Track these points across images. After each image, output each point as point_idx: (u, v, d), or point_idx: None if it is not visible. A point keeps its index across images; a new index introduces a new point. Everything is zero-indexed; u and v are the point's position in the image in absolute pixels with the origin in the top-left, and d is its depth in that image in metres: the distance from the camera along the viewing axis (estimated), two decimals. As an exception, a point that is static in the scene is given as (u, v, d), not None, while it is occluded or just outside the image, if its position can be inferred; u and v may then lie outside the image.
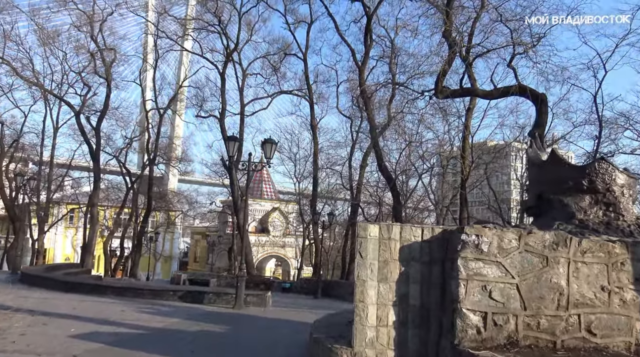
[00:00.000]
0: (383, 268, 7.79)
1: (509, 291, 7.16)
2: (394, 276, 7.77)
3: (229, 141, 18.15)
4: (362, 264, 7.77)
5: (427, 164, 36.20)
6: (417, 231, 7.93)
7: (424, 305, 7.76)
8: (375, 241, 7.86)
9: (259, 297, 19.09)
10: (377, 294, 7.71)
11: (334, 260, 49.07)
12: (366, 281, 7.74)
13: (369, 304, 7.68)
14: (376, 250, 7.83)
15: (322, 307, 22.75)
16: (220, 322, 14.17)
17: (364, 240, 7.84)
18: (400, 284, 7.76)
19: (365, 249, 7.81)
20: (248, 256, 37.14)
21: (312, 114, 35.16)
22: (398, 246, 7.85)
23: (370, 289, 7.73)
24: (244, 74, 37.17)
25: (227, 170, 35.82)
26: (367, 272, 7.76)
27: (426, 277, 7.79)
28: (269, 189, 51.53)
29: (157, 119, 41.11)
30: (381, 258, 7.82)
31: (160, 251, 53.93)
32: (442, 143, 35.40)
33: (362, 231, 7.87)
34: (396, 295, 7.72)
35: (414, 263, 7.81)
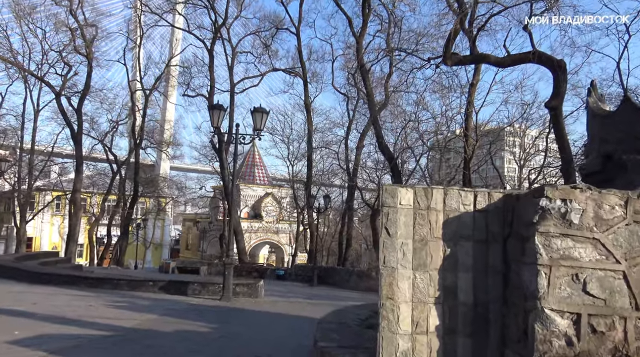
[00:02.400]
0: (420, 250, 5.34)
1: (612, 282, 4.73)
2: (436, 261, 5.35)
3: (214, 110, 15.59)
4: (389, 245, 5.31)
5: (427, 145, 33.73)
6: (469, 196, 5.44)
7: (478, 302, 5.32)
8: (409, 212, 5.38)
9: (249, 287, 16.64)
10: (412, 287, 5.27)
11: (328, 246, 46.69)
12: (396, 268, 5.28)
13: (401, 302, 5.23)
14: (410, 224, 5.37)
15: (320, 297, 20.41)
16: (203, 319, 11.69)
17: (392, 210, 5.35)
18: (444, 272, 5.33)
19: (394, 223, 5.34)
20: (240, 243, 34.70)
21: (306, 92, 32.52)
22: (441, 219, 5.39)
23: (403, 281, 5.28)
24: (233, 52, 34.39)
25: (217, 153, 33.19)
26: (398, 257, 5.30)
27: (481, 263, 5.36)
28: (262, 174, 48.94)
29: (144, 100, 38.35)
30: (417, 236, 5.36)
31: (151, 238, 51.30)
32: (441, 124, 32.91)
33: (389, 196, 5.38)
34: (439, 289, 5.29)
35: (463, 243, 5.37)
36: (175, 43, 40.92)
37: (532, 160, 41.57)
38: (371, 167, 35.06)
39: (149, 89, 38.61)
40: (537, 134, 39.12)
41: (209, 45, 33.42)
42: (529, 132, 41.08)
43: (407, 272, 5.29)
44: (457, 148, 32.02)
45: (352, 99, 33.23)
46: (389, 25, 25.29)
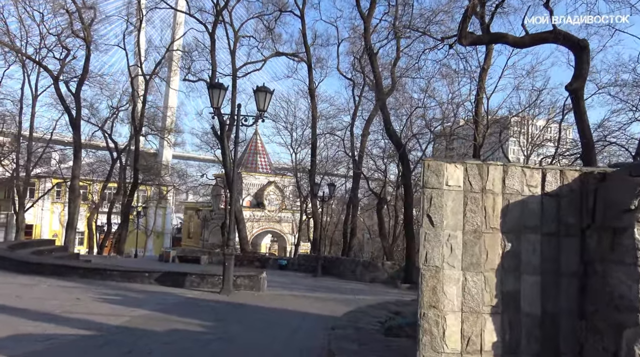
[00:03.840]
0: (472, 245, 4.04)
1: None
2: (493, 259, 4.07)
3: (213, 89, 14.24)
4: (432, 238, 4.01)
5: (434, 133, 32.32)
6: (535, 176, 4.12)
7: (548, 314, 4.04)
8: (458, 195, 4.07)
9: (251, 279, 15.35)
10: (463, 293, 4.00)
11: (331, 236, 45.44)
12: (442, 268, 3.98)
13: (448, 312, 3.95)
14: (459, 211, 4.07)
15: (325, 289, 19.15)
16: (200, 316, 10.42)
17: (437, 193, 4.04)
18: (504, 274, 4.05)
19: (439, 209, 4.03)
20: (242, 232, 33.44)
21: (310, 77, 31.05)
22: (500, 204, 4.09)
23: (450, 284, 3.99)
24: (235, 36, 32.88)
25: (218, 139, 31.82)
26: (443, 253, 4.00)
27: (552, 262, 4.08)
28: (264, 161, 47.51)
29: (144, 86, 36.94)
30: (469, 226, 4.07)
31: (152, 226, 50.06)
32: (449, 111, 31.50)
33: (432, 175, 4.06)
34: (497, 295, 4.01)
35: (529, 236, 4.09)
36: (177, 27, 39.41)
37: (538, 150, 40.11)
38: (377, 155, 33.70)
39: (149, 74, 37.14)
40: (544, 123, 37.61)
41: (211, 28, 31.92)
42: (536, 121, 39.58)
43: (456, 274, 3.99)
44: (467, 135, 30.62)
45: (358, 85, 31.80)
46: (396, 6, 23.80)
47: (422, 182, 4.04)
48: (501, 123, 32.87)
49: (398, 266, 24.94)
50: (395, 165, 33.61)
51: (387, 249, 30.50)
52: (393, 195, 35.24)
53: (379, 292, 19.84)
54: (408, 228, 22.99)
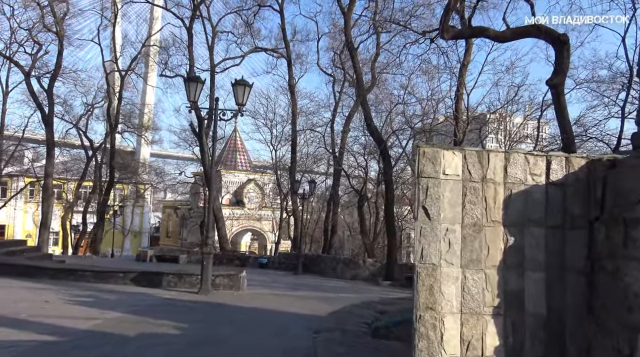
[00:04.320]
0: (472, 240, 3.66)
1: None
2: (494, 255, 3.70)
3: (190, 82, 13.68)
4: (429, 233, 3.62)
5: (414, 129, 32.09)
6: (539, 163, 3.75)
7: (554, 314, 3.69)
8: (456, 185, 3.69)
9: (230, 278, 14.84)
10: (462, 292, 3.62)
11: (311, 233, 45.01)
12: (439, 266, 3.59)
13: (446, 314, 3.56)
14: (457, 203, 3.69)
15: (307, 287, 18.74)
16: (176, 318, 9.89)
17: (433, 183, 3.65)
18: (506, 271, 3.68)
19: (436, 201, 3.64)
20: (221, 230, 32.84)
21: (290, 72, 30.53)
22: (502, 195, 3.72)
23: (448, 284, 3.60)
24: (213, 31, 32.18)
25: (197, 136, 31.13)
26: (441, 249, 3.61)
27: (557, 258, 3.73)
28: (244, 159, 46.80)
29: (120, 82, 35.97)
30: (468, 219, 3.69)
31: (129, 226, 48.95)
32: (429, 108, 31.30)
33: (428, 163, 3.66)
34: (499, 294, 3.64)
35: (533, 229, 3.73)
36: (153, 22, 38.49)
37: (516, 146, 40.26)
38: (358, 152, 33.33)
39: (125, 70, 36.21)
40: (522, 119, 37.69)
41: (188, 23, 31.19)
42: (514, 118, 39.67)
43: (455, 271, 3.61)
44: (447, 132, 30.49)
45: (338, 81, 31.41)
46: (376, 0, 23.44)
47: (417, 171, 3.64)
48: (480, 119, 32.86)
49: (379, 263, 24.68)
50: (375, 162, 33.35)
51: (368, 246, 30.23)
52: (373, 192, 34.98)
53: (361, 289, 19.51)
54: (389, 225, 22.73)
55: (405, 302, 8.28)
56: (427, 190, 3.60)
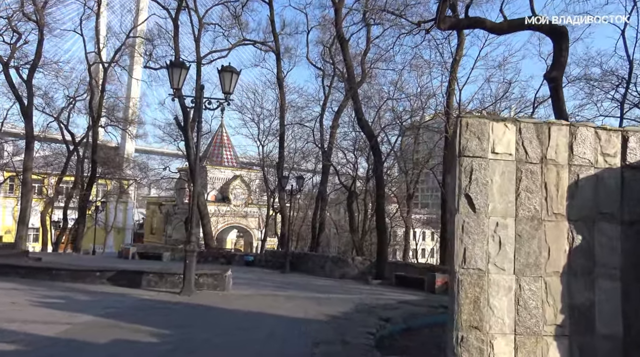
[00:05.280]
0: (529, 239, 2.79)
1: None
2: (557, 258, 2.83)
3: (173, 68, 12.68)
4: (474, 229, 2.75)
5: (403, 126, 31.33)
6: (613, 140, 2.90)
7: (632, 334, 2.86)
8: (509, 167, 2.81)
9: (215, 277, 13.86)
10: (516, 307, 2.76)
11: (298, 231, 44.07)
12: (486, 272, 2.72)
13: (496, 335, 2.69)
14: (510, 190, 2.81)
15: (295, 286, 17.82)
16: (155, 322, 8.92)
17: (480, 163, 2.76)
18: (571, 279, 2.83)
19: (484, 187, 2.76)
20: (207, 227, 31.79)
21: (279, 66, 29.55)
22: (565, 180, 2.86)
23: (499, 295, 2.73)
24: (200, 23, 31.02)
25: (182, 130, 30.01)
26: (489, 250, 2.74)
27: (636, 262, 2.91)
28: (230, 155, 45.66)
29: (103, 74, 34.64)
30: (524, 212, 2.81)
31: (112, 222, 47.52)
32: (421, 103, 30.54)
33: (472, 137, 2.77)
34: (563, 309, 2.78)
35: (604, 225, 2.88)
36: (138, 12, 37.20)
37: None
38: (346, 148, 32.45)
39: (108, 62, 34.90)
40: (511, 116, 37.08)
41: (174, 14, 30.04)
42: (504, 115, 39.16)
43: (507, 279, 2.74)
44: (438, 128, 29.79)
45: (327, 75, 30.48)
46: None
47: (458, 148, 2.76)
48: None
49: (369, 261, 23.84)
50: (364, 160, 32.56)
51: (357, 244, 29.40)
52: (362, 189, 34.16)
53: (351, 289, 18.67)
54: (380, 222, 21.88)
55: (408, 306, 7.47)
56: (471, 173, 2.73)
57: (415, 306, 7.30)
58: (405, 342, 5.89)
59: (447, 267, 22.82)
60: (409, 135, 33.31)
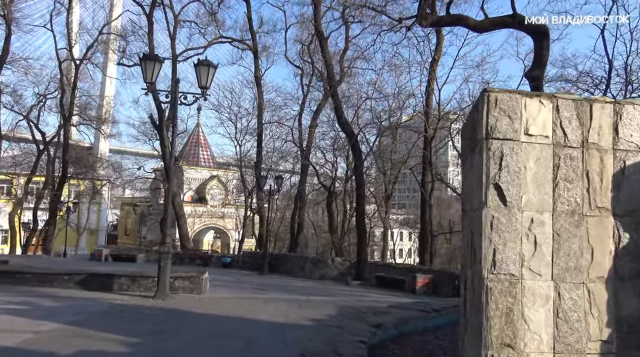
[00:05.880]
0: (569, 238, 2.30)
1: None
2: (602, 261, 2.36)
3: (146, 61, 11.99)
4: (505, 225, 2.25)
5: (381, 126, 31.00)
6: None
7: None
8: (545, 152, 2.32)
9: (191, 280, 13.20)
10: (555, 319, 2.29)
11: (276, 231, 43.42)
12: (520, 278, 2.24)
13: (532, 354, 2.23)
14: (547, 179, 2.33)
15: (274, 288, 17.26)
16: (126, 329, 8.26)
17: (512, 147, 2.25)
18: (619, 286, 2.39)
19: (517, 176, 2.25)
20: (183, 228, 30.94)
21: (257, 64, 28.90)
22: (610, 168, 2.41)
23: (534, 305, 2.25)
24: (175, 20, 30.17)
25: (157, 129, 29.11)
26: (522, 251, 2.25)
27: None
28: (207, 154, 44.70)
29: (74, 71, 33.41)
30: (563, 205, 2.33)
31: (85, 223, 46.03)
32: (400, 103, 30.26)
33: (503, 117, 2.25)
34: (610, 322, 2.32)
35: (656, 221, 2.45)
36: (111, 8, 36.06)
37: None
38: (326, 147, 31.94)
39: (80, 58, 33.71)
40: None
41: (148, 10, 29.13)
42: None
43: (543, 287, 2.25)
44: (417, 128, 29.55)
45: (306, 74, 29.95)
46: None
47: (485, 129, 2.28)
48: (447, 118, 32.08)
49: (348, 262, 23.40)
50: (343, 160, 32.12)
51: (336, 245, 28.93)
52: (341, 190, 33.73)
53: (332, 290, 18.19)
54: (360, 222, 21.44)
55: (398, 311, 7.02)
56: (501, 159, 2.25)
57: (405, 310, 6.83)
58: (398, 351, 5.41)
59: (426, 267, 22.57)
60: (387, 135, 33.01)
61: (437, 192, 38.64)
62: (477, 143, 2.40)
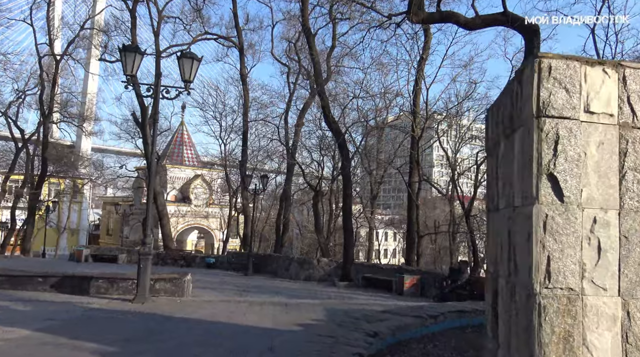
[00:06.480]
0: (639, 243, 1.88)
1: None
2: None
3: (126, 53, 11.35)
4: (562, 227, 1.80)
5: (367, 125, 30.60)
6: None
7: None
8: (610, 135, 1.87)
9: (173, 282, 12.55)
10: (624, 345, 1.83)
11: (260, 231, 42.75)
12: (580, 293, 1.77)
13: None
14: (612, 169, 1.87)
15: (259, 290, 16.69)
16: (99, 337, 7.62)
17: (569, 128, 1.79)
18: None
19: (576, 164, 1.78)
20: (165, 228, 30.17)
21: (242, 61, 28.27)
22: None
23: (599, 328, 1.80)
24: (159, 16, 29.40)
25: (139, 126, 28.32)
26: (583, 259, 1.79)
27: None
28: (191, 153, 43.81)
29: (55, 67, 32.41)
30: (631, 201, 1.89)
31: (65, 223, 44.78)
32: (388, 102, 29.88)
33: (558, 89, 1.80)
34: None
35: None
36: (94, 3, 35.09)
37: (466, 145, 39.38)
38: (312, 147, 31.40)
39: (61, 54, 32.72)
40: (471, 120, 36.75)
41: (131, 5, 28.36)
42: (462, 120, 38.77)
43: (609, 304, 1.77)
44: (403, 127, 29.20)
45: (293, 72, 29.39)
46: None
47: (536, 104, 1.79)
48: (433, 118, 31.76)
49: (335, 262, 22.95)
50: (329, 159, 31.64)
51: (322, 245, 28.43)
52: (326, 189, 33.25)
53: (319, 292, 17.70)
54: (346, 222, 20.98)
55: (394, 317, 6.53)
56: (556, 143, 1.77)
57: (401, 316, 6.37)
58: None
59: (413, 268, 22.21)
60: (373, 134, 32.63)
61: (422, 192, 38.38)
62: (522, 123, 1.91)
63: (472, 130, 36.57)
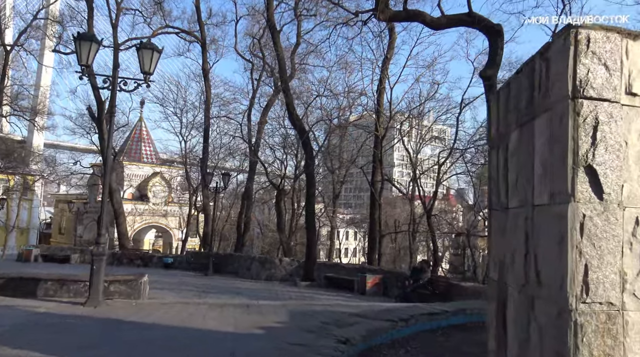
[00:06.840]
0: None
1: None
2: None
3: (81, 41, 10.62)
4: (601, 229, 1.50)
5: (331, 124, 30.36)
6: None
7: None
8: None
9: (129, 284, 11.86)
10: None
11: (221, 230, 41.86)
12: (622, 309, 1.48)
13: None
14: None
15: (219, 291, 16.19)
16: (46, 346, 6.92)
17: (610, 112, 1.51)
18: None
19: (616, 155, 1.51)
20: (121, 226, 29.06)
21: (204, 56, 27.48)
22: None
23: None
24: (118, 7, 28.26)
25: (95, 122, 27.11)
26: (624, 268, 1.50)
27: None
28: (149, 150, 42.43)
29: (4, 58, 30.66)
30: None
31: (15, 221, 42.54)
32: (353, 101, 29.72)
33: (597, 66, 1.53)
34: None
35: None
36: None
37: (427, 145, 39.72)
38: (275, 145, 30.88)
39: (11, 44, 31.01)
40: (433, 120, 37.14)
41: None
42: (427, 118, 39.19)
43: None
44: (367, 126, 29.12)
45: (257, 68, 28.81)
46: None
47: (571, 83, 1.49)
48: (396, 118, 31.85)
49: (297, 262, 22.61)
50: (292, 158, 31.22)
51: (284, 244, 28.00)
52: (289, 188, 32.83)
53: (281, 292, 17.33)
54: (309, 221, 20.64)
55: (364, 321, 6.23)
56: (595, 129, 1.47)
57: (372, 320, 6.08)
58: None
59: (375, 267, 22.10)
60: (336, 133, 32.43)
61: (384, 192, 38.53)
62: (548, 107, 1.61)
63: (433, 131, 36.94)
